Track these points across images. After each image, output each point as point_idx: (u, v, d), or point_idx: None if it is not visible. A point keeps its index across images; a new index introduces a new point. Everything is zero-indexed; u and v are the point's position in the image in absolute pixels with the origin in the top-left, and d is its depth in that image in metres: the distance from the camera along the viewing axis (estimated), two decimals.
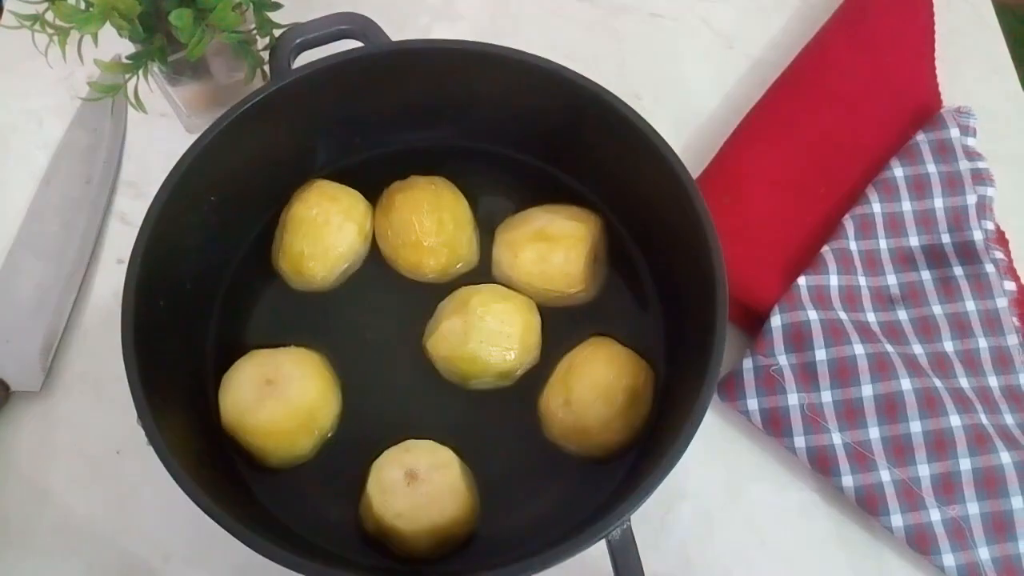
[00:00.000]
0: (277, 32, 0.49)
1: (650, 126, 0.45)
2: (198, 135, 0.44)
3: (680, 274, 0.46)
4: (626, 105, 0.45)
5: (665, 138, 0.45)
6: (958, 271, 0.53)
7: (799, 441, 0.48)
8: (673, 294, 0.49)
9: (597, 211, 0.51)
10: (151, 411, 0.38)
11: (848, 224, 0.53)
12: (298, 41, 0.48)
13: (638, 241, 0.51)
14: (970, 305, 0.52)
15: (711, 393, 0.39)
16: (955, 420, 0.47)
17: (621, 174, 0.49)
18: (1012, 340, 0.51)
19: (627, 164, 0.48)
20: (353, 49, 0.47)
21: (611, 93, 0.46)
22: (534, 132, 0.51)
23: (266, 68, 0.52)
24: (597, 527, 0.36)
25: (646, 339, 0.49)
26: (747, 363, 0.49)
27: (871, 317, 0.51)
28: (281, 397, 0.44)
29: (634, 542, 0.38)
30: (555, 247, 0.48)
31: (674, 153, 0.44)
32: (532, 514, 0.45)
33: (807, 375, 0.48)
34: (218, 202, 0.47)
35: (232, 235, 0.50)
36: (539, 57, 0.46)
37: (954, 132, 0.56)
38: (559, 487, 0.46)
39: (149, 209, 0.42)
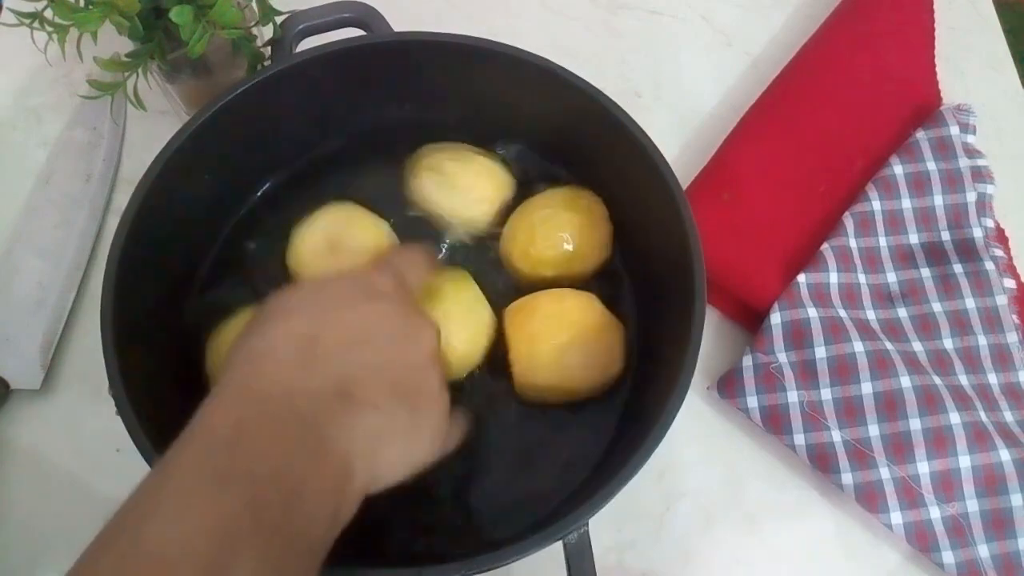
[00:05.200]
0: (279, 19, 0.49)
1: (625, 111, 0.45)
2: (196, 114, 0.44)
3: (657, 267, 0.46)
4: (611, 100, 0.45)
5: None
6: (958, 268, 0.53)
7: (799, 439, 0.48)
8: (650, 294, 0.49)
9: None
10: (123, 381, 0.38)
11: (848, 222, 0.53)
12: (301, 27, 0.48)
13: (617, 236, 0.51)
14: (970, 303, 0.52)
15: (678, 405, 0.38)
16: (955, 418, 0.47)
17: (610, 171, 0.49)
18: (1012, 337, 0.52)
19: (613, 157, 0.47)
20: (354, 37, 0.47)
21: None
22: (528, 128, 0.51)
23: (266, 63, 0.52)
24: (554, 528, 0.36)
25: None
26: (747, 361, 0.49)
27: (871, 315, 0.51)
28: None
29: (590, 546, 0.37)
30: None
31: (649, 138, 0.44)
32: (498, 504, 0.45)
33: (807, 373, 0.49)
34: (211, 180, 0.47)
35: (223, 215, 0.50)
36: (532, 53, 0.46)
37: (954, 130, 0.56)
38: (530, 476, 0.46)
39: (141, 180, 0.42)
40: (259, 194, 0.51)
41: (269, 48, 0.50)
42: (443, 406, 0.36)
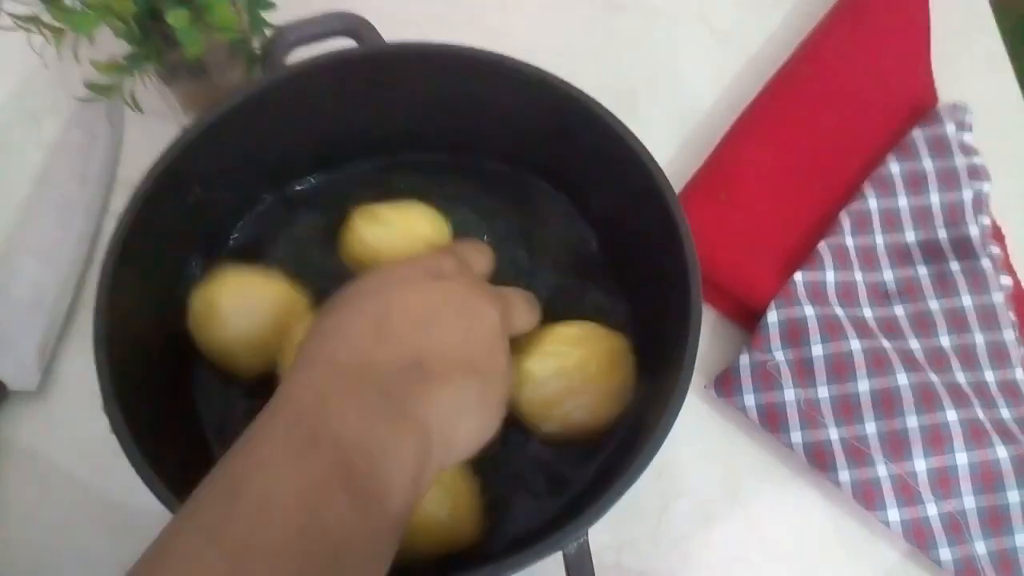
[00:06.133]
0: (268, 31, 0.49)
1: (614, 114, 0.45)
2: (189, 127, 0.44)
3: (653, 272, 0.46)
4: (601, 105, 0.45)
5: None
6: (954, 266, 0.53)
7: (796, 436, 0.48)
8: (647, 299, 0.48)
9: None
10: (116, 397, 0.38)
11: (844, 220, 0.53)
12: (291, 38, 0.48)
13: (606, 240, 0.51)
14: (966, 300, 0.52)
15: (673, 417, 0.38)
16: (951, 415, 0.47)
17: (604, 184, 0.49)
18: (1008, 335, 0.52)
19: (604, 167, 0.47)
20: (346, 48, 0.47)
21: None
22: (520, 136, 0.51)
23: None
24: (554, 539, 0.36)
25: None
26: (744, 359, 0.49)
27: (867, 312, 0.52)
28: None
29: (590, 555, 0.37)
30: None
31: (640, 142, 0.44)
32: (496, 513, 0.44)
33: (804, 371, 0.49)
34: (203, 193, 0.47)
35: (218, 228, 0.50)
36: (521, 61, 0.46)
37: (950, 128, 0.56)
38: (528, 485, 0.45)
39: (132, 196, 0.42)
40: (255, 204, 0.51)
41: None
42: (509, 379, 0.38)
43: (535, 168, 0.52)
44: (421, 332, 0.34)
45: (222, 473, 0.29)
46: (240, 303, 0.45)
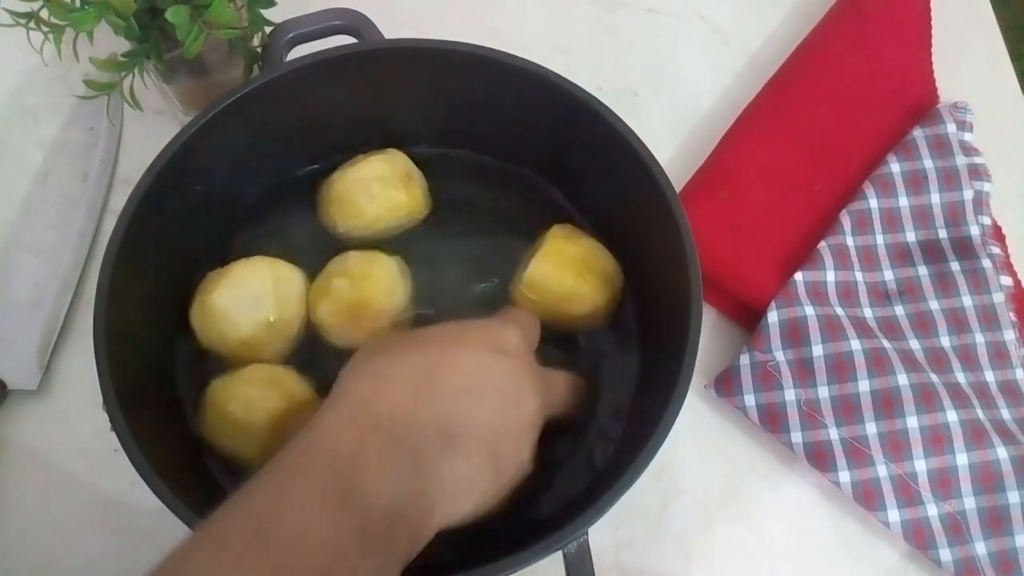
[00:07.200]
0: (268, 29, 0.49)
1: (616, 114, 0.45)
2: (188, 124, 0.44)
3: (654, 272, 0.46)
4: (603, 104, 0.45)
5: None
6: (955, 266, 0.53)
7: (796, 437, 0.48)
8: (651, 311, 0.48)
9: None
10: (116, 395, 0.38)
11: (845, 220, 0.53)
12: (291, 35, 0.48)
13: (614, 247, 0.50)
14: (967, 300, 0.52)
15: (674, 417, 0.38)
16: (952, 415, 0.47)
17: (605, 183, 0.49)
18: (1008, 335, 0.52)
19: (605, 166, 0.47)
20: (345, 45, 0.47)
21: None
22: (519, 136, 0.51)
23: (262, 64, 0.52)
24: (553, 539, 0.36)
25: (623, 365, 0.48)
26: (744, 359, 0.49)
27: (868, 313, 0.52)
28: None
29: (590, 554, 0.37)
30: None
31: (641, 142, 0.44)
32: (498, 511, 0.44)
33: (804, 371, 0.49)
34: (203, 191, 0.47)
35: (213, 230, 0.50)
36: (520, 58, 0.46)
37: (951, 127, 0.56)
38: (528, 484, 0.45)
39: (130, 196, 0.42)
40: (254, 201, 0.51)
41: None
42: (524, 471, 0.38)
43: (535, 166, 0.52)
44: (459, 403, 0.35)
45: (252, 504, 0.31)
46: (238, 298, 0.45)
